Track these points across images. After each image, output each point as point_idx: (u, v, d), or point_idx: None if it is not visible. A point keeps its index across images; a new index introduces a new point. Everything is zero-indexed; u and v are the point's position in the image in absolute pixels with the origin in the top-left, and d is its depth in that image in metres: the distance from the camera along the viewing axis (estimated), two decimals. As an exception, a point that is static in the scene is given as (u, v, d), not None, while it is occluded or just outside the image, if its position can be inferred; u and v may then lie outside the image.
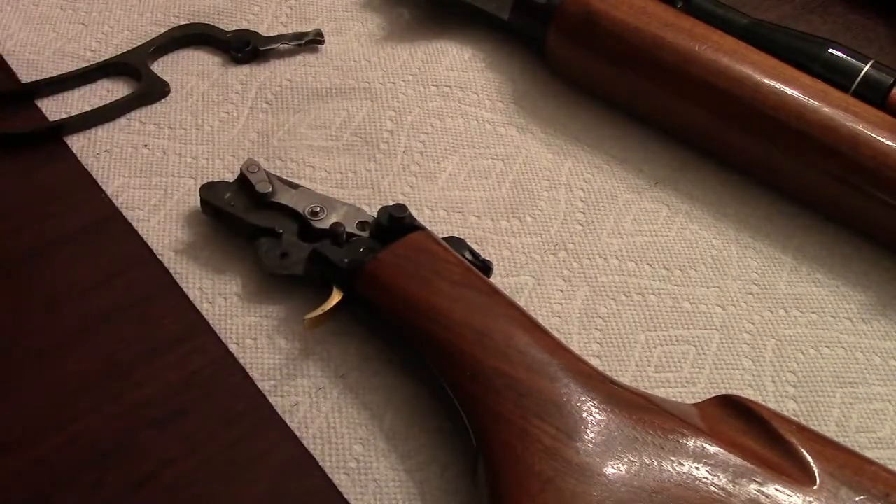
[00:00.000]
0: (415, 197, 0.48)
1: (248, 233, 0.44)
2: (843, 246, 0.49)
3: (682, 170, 0.51)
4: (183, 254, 0.44)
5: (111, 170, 0.47)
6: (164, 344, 0.41)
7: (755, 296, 0.46)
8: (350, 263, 0.41)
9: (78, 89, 0.50)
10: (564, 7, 0.51)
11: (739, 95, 0.47)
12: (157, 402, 0.39)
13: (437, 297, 0.39)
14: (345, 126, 0.50)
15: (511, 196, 0.49)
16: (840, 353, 0.44)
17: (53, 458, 0.37)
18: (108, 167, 0.47)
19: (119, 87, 0.51)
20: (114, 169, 0.47)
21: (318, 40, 0.54)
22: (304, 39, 0.53)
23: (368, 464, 0.39)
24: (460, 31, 0.56)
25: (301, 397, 0.40)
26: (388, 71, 0.53)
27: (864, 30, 0.60)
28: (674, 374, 0.43)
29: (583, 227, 0.48)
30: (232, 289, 0.43)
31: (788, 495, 0.34)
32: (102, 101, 0.50)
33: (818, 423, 0.42)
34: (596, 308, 0.45)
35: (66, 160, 0.47)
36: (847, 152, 0.46)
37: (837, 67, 0.48)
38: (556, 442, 0.35)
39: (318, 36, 0.54)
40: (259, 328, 0.42)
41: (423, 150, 0.50)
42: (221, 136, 0.49)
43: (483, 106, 0.52)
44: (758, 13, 0.52)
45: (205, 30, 0.53)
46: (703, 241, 0.48)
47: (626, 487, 0.34)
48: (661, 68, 0.49)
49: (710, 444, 0.36)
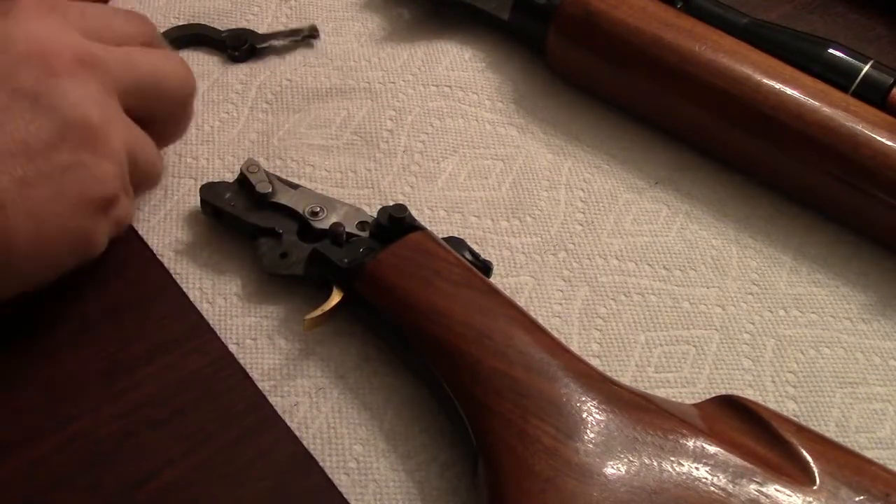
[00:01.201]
0: (415, 197, 0.48)
1: (248, 233, 0.44)
2: (843, 246, 0.49)
3: (682, 170, 0.51)
4: (183, 254, 0.44)
5: (111, 170, 0.47)
6: (164, 344, 0.41)
7: (755, 296, 0.46)
8: (350, 263, 0.41)
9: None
10: (564, 7, 0.51)
11: (739, 95, 0.47)
12: (157, 402, 0.39)
13: (437, 297, 0.39)
14: (345, 125, 0.50)
15: (511, 196, 0.49)
16: (840, 353, 0.44)
17: (52, 458, 0.37)
18: (108, 167, 0.47)
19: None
20: (114, 169, 0.47)
21: (314, 35, 0.54)
22: (301, 35, 0.53)
23: (368, 464, 0.39)
24: (460, 31, 0.56)
25: (301, 397, 0.40)
26: (388, 71, 0.53)
27: (864, 30, 0.60)
28: (674, 374, 0.43)
29: (583, 227, 0.48)
30: (232, 289, 0.43)
31: (788, 495, 0.34)
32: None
33: (818, 423, 0.42)
34: (596, 308, 0.45)
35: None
36: (847, 152, 0.46)
37: (837, 67, 0.48)
38: (556, 442, 0.35)
39: (313, 31, 0.54)
40: (259, 328, 0.42)
41: (423, 150, 0.50)
42: (221, 135, 0.49)
43: (483, 106, 0.52)
44: (758, 13, 0.52)
45: (199, 30, 0.53)
46: (703, 241, 0.48)
47: (625, 487, 0.34)
48: (661, 68, 0.49)
49: (710, 444, 0.36)
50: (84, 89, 0.36)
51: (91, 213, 0.37)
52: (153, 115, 0.41)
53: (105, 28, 0.40)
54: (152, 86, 0.41)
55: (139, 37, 0.42)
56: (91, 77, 0.37)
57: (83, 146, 0.36)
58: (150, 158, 0.41)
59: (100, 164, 0.37)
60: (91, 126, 0.36)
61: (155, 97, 0.41)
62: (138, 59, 0.40)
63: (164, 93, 0.42)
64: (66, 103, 0.36)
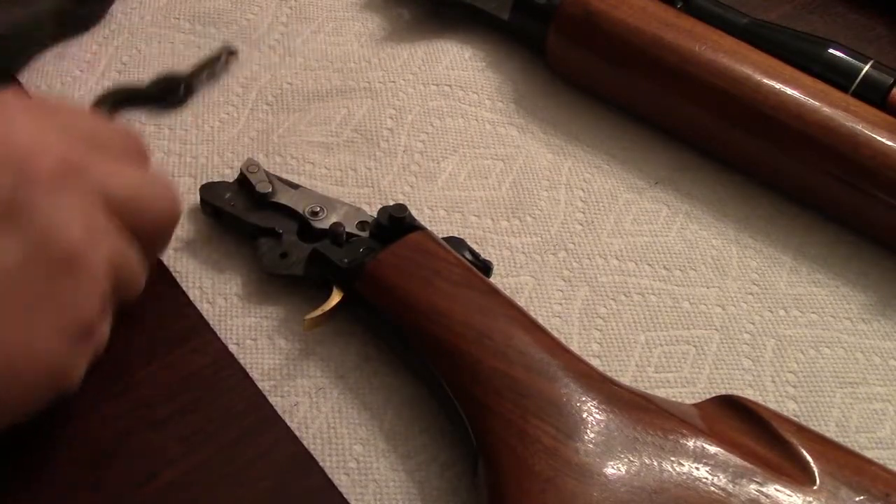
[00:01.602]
0: (415, 197, 0.48)
1: (248, 233, 0.44)
2: (843, 246, 0.49)
3: (682, 170, 0.51)
4: (183, 253, 0.44)
5: (111, 170, 0.47)
6: (164, 344, 0.41)
7: (755, 296, 0.46)
8: (350, 263, 0.41)
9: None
10: (564, 7, 0.51)
11: (739, 95, 0.47)
12: (157, 402, 0.39)
13: (437, 297, 0.39)
14: (345, 123, 0.50)
15: (511, 196, 0.49)
16: (840, 353, 0.44)
17: (53, 458, 0.37)
18: (108, 167, 0.47)
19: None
20: (114, 169, 0.47)
21: (232, 53, 0.52)
22: (219, 63, 0.51)
23: (368, 464, 0.39)
24: (460, 30, 0.56)
25: (301, 397, 0.40)
26: (388, 70, 0.53)
27: (864, 30, 0.60)
28: (674, 374, 0.43)
29: (583, 227, 0.48)
30: (232, 289, 0.43)
31: (788, 495, 0.34)
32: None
33: (818, 423, 0.42)
34: (596, 308, 0.45)
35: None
36: (847, 152, 0.46)
37: (837, 67, 0.48)
38: (556, 442, 0.35)
39: (229, 54, 0.52)
40: (259, 328, 0.42)
41: (424, 150, 0.50)
42: (221, 136, 0.49)
43: (483, 106, 0.52)
44: (758, 13, 0.52)
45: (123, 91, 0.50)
46: (703, 241, 0.48)
47: (626, 487, 0.34)
48: (661, 68, 0.49)
49: (710, 444, 0.36)
50: (65, 200, 0.32)
51: (67, 342, 0.33)
52: (133, 233, 0.36)
53: (94, 135, 0.36)
54: (136, 205, 0.36)
55: (128, 152, 0.38)
56: (74, 185, 0.33)
57: (60, 269, 0.32)
58: (134, 272, 0.37)
59: (78, 288, 0.32)
60: (70, 246, 0.32)
61: (138, 216, 0.36)
62: (125, 173, 0.36)
63: (148, 214, 0.37)
64: (43, 219, 0.31)
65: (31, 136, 0.33)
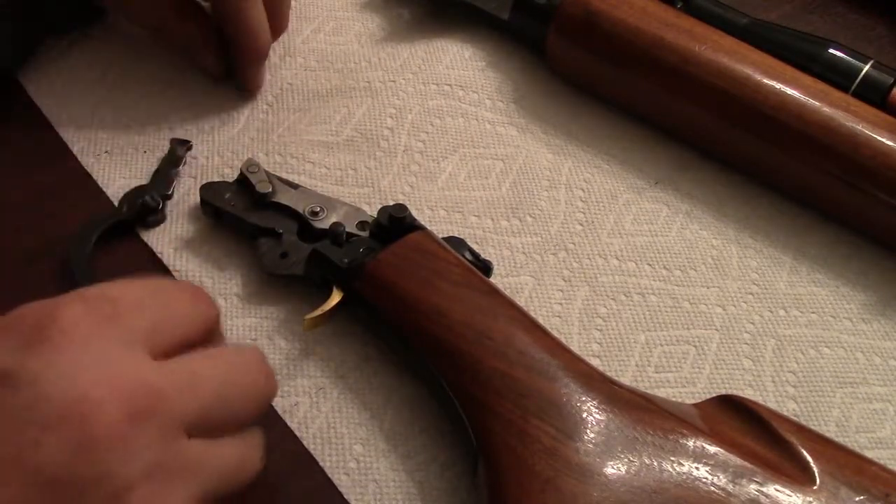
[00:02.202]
0: (415, 197, 0.48)
1: (248, 233, 0.44)
2: (843, 246, 0.49)
3: (682, 170, 0.51)
4: (183, 253, 0.44)
5: (112, 171, 0.47)
6: (164, 344, 0.41)
7: (755, 296, 0.46)
8: (350, 263, 0.41)
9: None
10: (564, 7, 0.51)
11: (740, 95, 0.47)
12: (157, 402, 0.39)
13: (437, 297, 0.39)
14: (345, 122, 0.50)
15: (511, 196, 0.49)
16: (840, 353, 0.44)
17: (53, 458, 0.37)
18: (109, 168, 0.47)
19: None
20: (114, 170, 0.47)
21: (188, 147, 0.48)
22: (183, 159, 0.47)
23: (368, 464, 0.39)
24: (460, 30, 0.56)
25: (301, 397, 0.40)
26: (388, 70, 0.53)
27: (864, 30, 0.60)
28: (674, 374, 0.43)
29: (583, 227, 0.48)
30: (232, 289, 0.43)
31: (788, 495, 0.34)
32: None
33: (818, 423, 0.42)
34: (596, 308, 0.45)
35: (67, 160, 0.47)
36: (847, 152, 0.46)
37: (837, 67, 0.48)
38: (556, 442, 0.35)
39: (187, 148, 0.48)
40: (259, 328, 0.42)
41: (424, 150, 0.50)
42: (221, 134, 0.49)
43: (483, 105, 0.52)
44: (758, 13, 0.52)
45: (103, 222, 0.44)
46: (703, 241, 0.48)
47: (626, 487, 0.34)
48: (662, 68, 0.49)
49: (710, 444, 0.36)
50: (136, 457, 0.27)
51: None
52: (224, 430, 0.32)
53: (166, 323, 0.32)
54: (221, 404, 0.32)
55: (203, 325, 0.33)
56: (145, 432, 0.28)
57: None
58: (231, 483, 0.32)
59: None
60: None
61: (225, 414, 0.32)
62: (204, 376, 0.31)
63: (236, 405, 0.33)
64: (107, 491, 0.27)
65: (93, 373, 0.28)
